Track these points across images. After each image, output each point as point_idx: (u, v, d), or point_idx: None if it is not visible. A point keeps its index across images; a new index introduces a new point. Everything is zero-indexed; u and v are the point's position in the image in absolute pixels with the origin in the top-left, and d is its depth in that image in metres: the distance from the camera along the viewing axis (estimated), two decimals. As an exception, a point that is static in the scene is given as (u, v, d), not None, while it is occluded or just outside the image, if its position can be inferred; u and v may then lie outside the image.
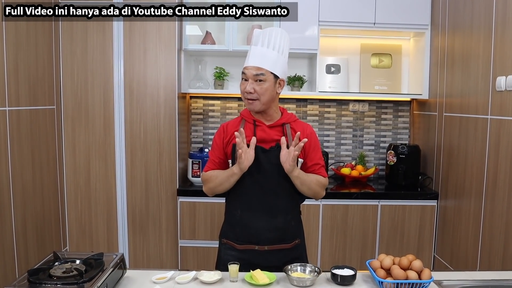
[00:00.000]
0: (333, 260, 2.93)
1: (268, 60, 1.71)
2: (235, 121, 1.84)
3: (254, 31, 1.78)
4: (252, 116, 1.79)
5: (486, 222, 2.32)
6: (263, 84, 1.70)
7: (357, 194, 2.91)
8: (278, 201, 1.75)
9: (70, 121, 2.84)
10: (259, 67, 1.70)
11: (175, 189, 2.89)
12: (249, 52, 1.74)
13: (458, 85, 2.65)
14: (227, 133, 1.80)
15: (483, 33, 2.36)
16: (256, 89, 1.69)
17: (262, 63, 1.71)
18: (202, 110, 3.40)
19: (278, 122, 1.78)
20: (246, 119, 1.80)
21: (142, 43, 2.80)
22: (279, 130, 1.78)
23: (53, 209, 2.75)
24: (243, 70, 1.72)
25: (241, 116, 1.84)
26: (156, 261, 2.96)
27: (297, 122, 1.83)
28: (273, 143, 1.75)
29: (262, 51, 1.72)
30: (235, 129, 1.77)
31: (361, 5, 3.00)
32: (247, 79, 1.71)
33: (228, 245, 1.80)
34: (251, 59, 1.71)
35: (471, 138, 2.49)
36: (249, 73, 1.70)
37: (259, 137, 1.74)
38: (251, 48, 1.74)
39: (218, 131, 1.84)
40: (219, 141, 1.81)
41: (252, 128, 1.77)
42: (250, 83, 1.69)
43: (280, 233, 1.76)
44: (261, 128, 1.77)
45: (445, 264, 2.79)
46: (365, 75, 3.33)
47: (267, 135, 1.75)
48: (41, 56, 2.58)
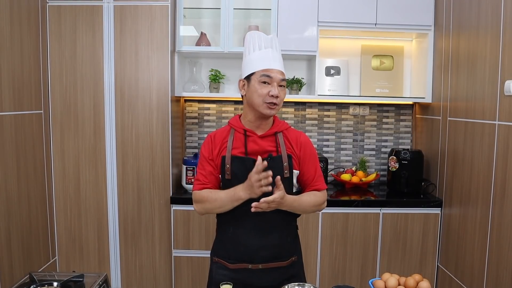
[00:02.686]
0: (332, 271, 2.82)
1: (283, 66, 1.66)
2: (223, 131, 1.71)
3: (255, 33, 1.68)
4: (242, 125, 1.68)
5: (494, 232, 2.21)
6: (283, 90, 1.64)
7: (358, 202, 2.80)
8: (273, 216, 1.61)
9: (59, 126, 2.72)
10: (283, 71, 1.64)
11: (169, 196, 2.77)
12: (265, 54, 1.63)
13: (463, 88, 2.54)
14: (215, 144, 1.68)
15: (490, 34, 2.25)
16: (280, 94, 1.61)
17: (283, 68, 1.65)
18: (197, 114, 3.28)
19: (270, 132, 1.67)
20: (235, 129, 1.68)
21: (134, 44, 2.69)
22: (271, 140, 1.67)
23: (40, 219, 2.63)
24: (266, 73, 1.60)
25: (229, 125, 1.71)
26: (148, 271, 2.84)
27: (290, 130, 1.73)
28: (265, 154, 1.62)
29: (277, 55, 1.65)
30: (223, 139, 1.66)
31: (362, 5, 2.89)
32: (270, 83, 1.60)
33: (220, 263, 1.69)
34: (274, 62, 1.62)
35: (477, 143, 2.38)
36: (276, 77, 1.60)
37: (251, 150, 1.63)
38: (268, 51, 1.64)
39: (205, 142, 1.71)
40: (207, 154, 1.68)
41: (242, 139, 1.66)
42: (275, 87, 1.59)
43: (275, 250, 1.65)
44: (252, 139, 1.65)
45: (450, 275, 2.68)
46: (366, 77, 3.22)
47: (259, 146, 1.64)
48: (27, 57, 2.46)
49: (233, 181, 1.61)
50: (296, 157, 1.69)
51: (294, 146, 1.69)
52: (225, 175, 1.62)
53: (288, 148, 1.68)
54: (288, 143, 1.69)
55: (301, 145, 1.70)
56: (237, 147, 1.63)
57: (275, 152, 1.65)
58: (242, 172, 1.58)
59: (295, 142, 1.70)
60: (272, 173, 1.55)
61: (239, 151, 1.63)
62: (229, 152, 1.63)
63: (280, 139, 1.67)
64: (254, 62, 1.62)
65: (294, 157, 1.68)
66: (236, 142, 1.64)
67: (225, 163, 1.62)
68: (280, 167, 1.63)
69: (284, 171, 1.63)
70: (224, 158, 1.62)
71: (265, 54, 1.62)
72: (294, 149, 1.69)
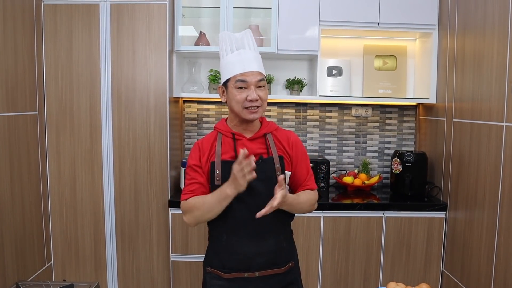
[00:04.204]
0: (334, 276, 2.75)
1: (260, 63, 1.58)
2: (210, 137, 1.64)
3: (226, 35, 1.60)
4: (230, 129, 1.62)
5: (502, 237, 2.14)
6: (264, 89, 1.55)
7: (360, 205, 2.73)
8: (268, 221, 1.53)
9: (54, 127, 2.66)
10: (260, 72, 1.55)
11: (167, 200, 2.71)
12: (237, 57, 1.55)
13: (469, 89, 2.48)
14: (203, 151, 1.60)
15: (497, 34, 2.18)
16: (260, 95, 1.53)
17: (260, 67, 1.56)
18: (196, 115, 3.22)
19: (259, 133, 1.61)
20: (223, 133, 1.62)
21: (131, 44, 2.62)
22: (261, 141, 1.61)
23: (35, 223, 2.56)
24: (240, 77, 1.52)
25: (216, 130, 1.65)
26: (146, 276, 2.78)
27: (279, 130, 1.67)
28: (256, 157, 1.55)
29: (253, 54, 1.57)
30: (211, 145, 1.60)
31: (364, 4, 2.83)
32: (246, 87, 1.52)
33: (214, 274, 1.61)
34: (248, 63, 1.53)
35: (484, 145, 2.31)
36: (252, 79, 1.52)
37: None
38: (240, 52, 1.56)
39: (192, 151, 1.64)
40: (195, 161, 1.60)
41: (231, 143, 1.59)
42: (253, 90, 1.51)
43: (271, 256, 1.58)
44: (241, 143, 1.59)
45: (455, 280, 2.61)
46: (369, 78, 3.15)
47: (248, 149, 1.55)
48: (21, 57, 2.40)
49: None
50: (288, 158, 1.63)
51: (285, 146, 1.64)
52: (215, 181, 1.55)
53: (279, 149, 1.62)
54: (278, 144, 1.63)
55: (292, 145, 1.64)
56: (226, 152, 1.57)
57: (266, 154, 1.59)
58: None
59: (286, 142, 1.64)
60: (265, 175, 1.50)
61: (228, 156, 1.57)
62: (219, 157, 1.57)
63: (270, 140, 1.61)
64: (228, 67, 1.56)
65: (286, 157, 1.62)
66: (224, 147, 1.58)
67: (215, 168, 1.55)
68: (272, 169, 1.57)
69: (277, 172, 1.57)
70: (214, 163, 1.56)
71: (237, 56, 1.55)
72: (286, 149, 1.64)
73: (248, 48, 1.57)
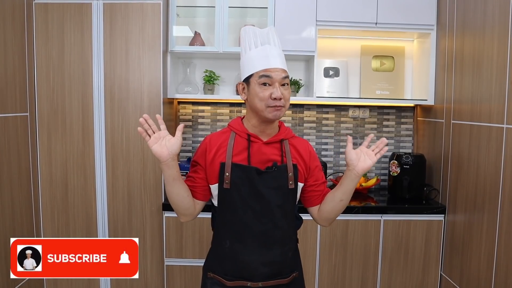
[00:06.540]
0: (332, 280, 2.71)
1: (284, 61, 1.49)
2: (222, 134, 1.55)
3: (250, 29, 1.51)
4: (245, 129, 1.51)
5: (502, 241, 2.10)
6: (288, 88, 1.47)
7: (358, 208, 2.68)
8: (275, 231, 1.48)
9: (45, 129, 2.60)
10: (284, 69, 1.46)
11: (160, 203, 2.65)
12: (262, 52, 1.46)
13: (468, 90, 2.44)
14: (210, 148, 1.51)
15: (497, 34, 2.15)
16: (284, 94, 1.44)
17: (284, 65, 1.47)
18: (191, 117, 3.17)
19: (276, 138, 1.52)
20: (237, 133, 1.52)
21: (124, 44, 2.57)
22: (276, 147, 1.51)
23: (25, 227, 2.50)
24: (265, 73, 1.43)
25: (229, 127, 1.55)
26: (140, 281, 2.72)
27: (295, 138, 1.59)
28: (269, 163, 1.48)
29: (277, 51, 1.48)
30: (221, 143, 1.51)
31: (361, 4, 2.79)
32: (271, 84, 1.43)
33: (216, 280, 1.55)
34: (273, 60, 1.44)
35: (483, 147, 2.27)
36: (277, 76, 1.43)
37: (254, 157, 1.48)
38: (265, 48, 1.47)
39: (200, 145, 1.56)
40: (197, 157, 1.54)
41: (245, 145, 1.49)
42: (277, 88, 1.42)
43: (276, 266, 1.52)
44: (257, 145, 1.50)
45: (454, 284, 2.57)
46: (366, 79, 3.11)
47: (263, 154, 1.48)
48: (11, 57, 2.34)
49: (232, 191, 1.46)
50: (303, 168, 1.55)
51: (303, 156, 1.55)
52: (223, 184, 1.47)
53: (294, 157, 1.53)
54: (294, 152, 1.54)
55: (310, 155, 1.57)
56: (239, 154, 1.48)
57: (280, 162, 1.50)
58: (243, 182, 1.45)
59: (304, 152, 1.56)
60: (277, 183, 1.45)
61: (240, 158, 1.48)
62: (230, 159, 1.47)
63: (286, 147, 1.52)
64: (251, 62, 1.46)
65: (300, 167, 1.54)
66: (237, 148, 1.49)
67: (225, 170, 1.46)
68: (285, 177, 1.49)
69: (289, 181, 1.49)
70: (223, 165, 1.46)
71: (262, 51, 1.46)
72: (304, 159, 1.55)
73: (273, 45, 1.49)
